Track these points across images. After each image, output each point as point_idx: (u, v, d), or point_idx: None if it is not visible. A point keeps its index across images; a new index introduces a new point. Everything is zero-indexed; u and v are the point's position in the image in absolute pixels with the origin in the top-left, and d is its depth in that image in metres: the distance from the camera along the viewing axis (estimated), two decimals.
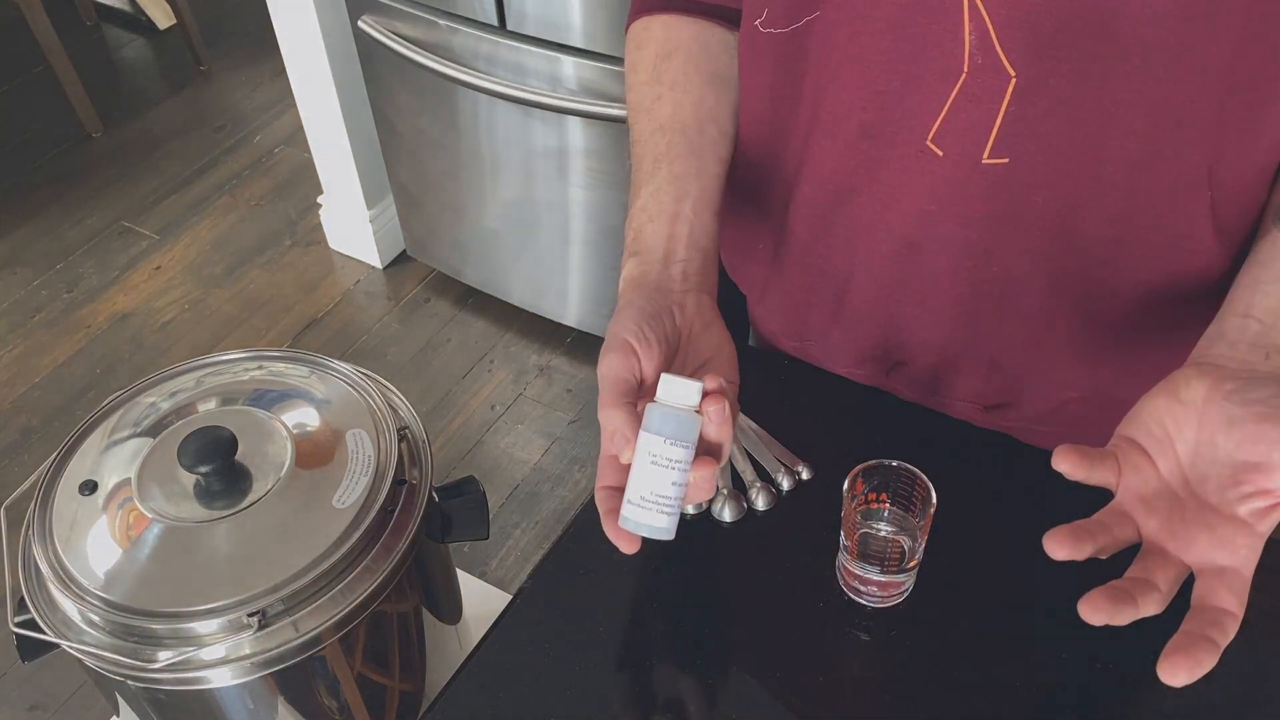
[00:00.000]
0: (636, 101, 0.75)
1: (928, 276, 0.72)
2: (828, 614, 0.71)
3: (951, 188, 0.66)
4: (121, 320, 2.20)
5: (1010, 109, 0.61)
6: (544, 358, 2.08)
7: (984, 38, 0.59)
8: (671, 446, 0.55)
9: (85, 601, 0.97)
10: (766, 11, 0.68)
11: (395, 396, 1.17)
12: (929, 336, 0.76)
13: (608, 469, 0.59)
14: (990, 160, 0.63)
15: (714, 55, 0.75)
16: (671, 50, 0.74)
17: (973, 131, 0.63)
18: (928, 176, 0.66)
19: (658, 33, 0.75)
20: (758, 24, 0.69)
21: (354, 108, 2.04)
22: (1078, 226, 0.66)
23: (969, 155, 0.64)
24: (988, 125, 0.62)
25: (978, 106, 0.61)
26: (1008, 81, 0.60)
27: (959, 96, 0.61)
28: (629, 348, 0.58)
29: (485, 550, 1.74)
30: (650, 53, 0.75)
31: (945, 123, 0.63)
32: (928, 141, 0.64)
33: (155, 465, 1.06)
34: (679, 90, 0.73)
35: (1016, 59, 0.59)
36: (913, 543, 0.69)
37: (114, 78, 2.95)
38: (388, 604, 1.05)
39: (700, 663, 0.70)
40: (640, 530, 0.57)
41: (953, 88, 0.61)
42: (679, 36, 0.75)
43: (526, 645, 0.71)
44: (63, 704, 1.58)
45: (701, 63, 0.74)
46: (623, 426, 0.56)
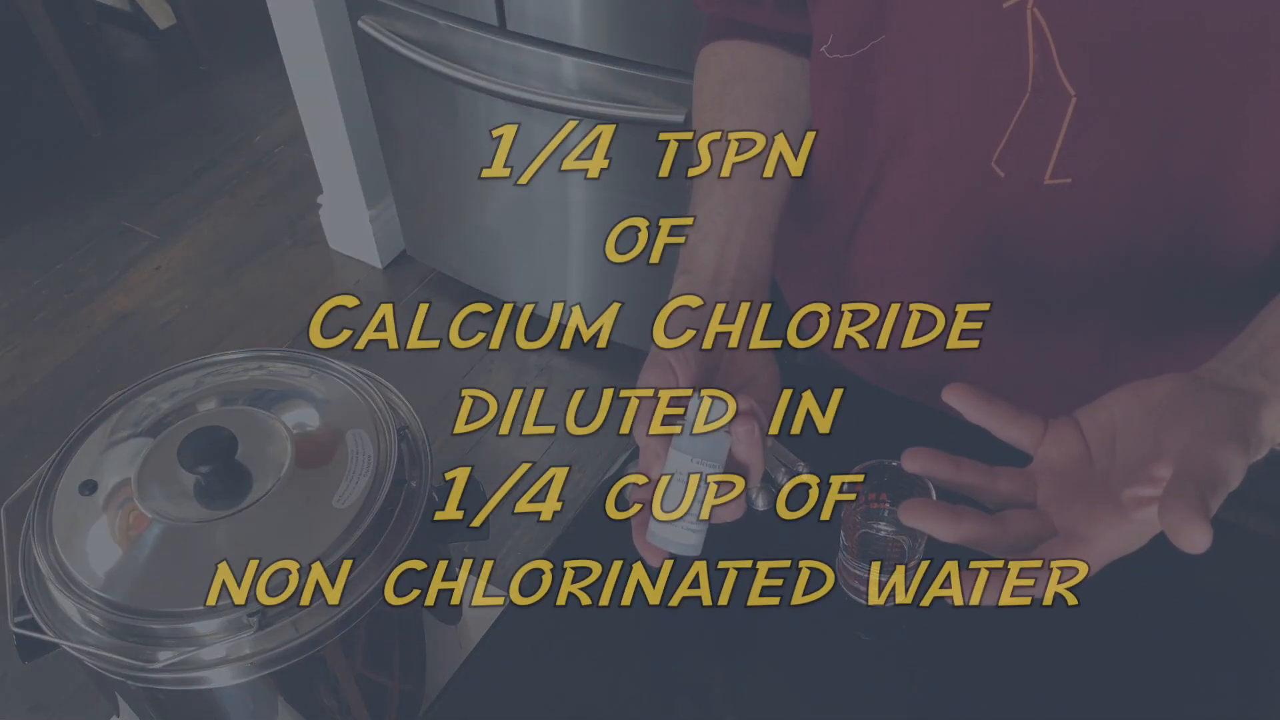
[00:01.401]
0: (700, 125, 0.74)
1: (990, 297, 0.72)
2: (828, 614, 0.71)
3: (1013, 210, 0.66)
4: (121, 320, 2.20)
5: (1071, 129, 0.60)
6: (544, 358, 2.08)
7: (1046, 58, 0.58)
8: (700, 465, 0.56)
9: (85, 601, 0.97)
10: (832, 38, 0.68)
11: (395, 396, 1.17)
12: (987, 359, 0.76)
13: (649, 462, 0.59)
14: (1052, 181, 0.63)
15: (779, 82, 0.74)
16: (736, 75, 0.75)
17: (1035, 152, 0.62)
18: (990, 199, 0.66)
19: (724, 58, 0.76)
20: (824, 50, 0.69)
21: (354, 108, 2.04)
22: (1140, 248, 0.65)
23: (1032, 177, 0.63)
24: (1049, 146, 0.62)
25: (1040, 127, 0.61)
26: (1068, 101, 0.59)
27: (1022, 117, 0.61)
28: (667, 365, 0.58)
29: (485, 550, 1.74)
30: (715, 77, 0.75)
31: (1009, 144, 0.63)
32: (992, 163, 0.64)
33: (155, 465, 1.06)
34: (740, 114, 0.73)
35: (1076, 79, 0.59)
36: (913, 543, 0.69)
37: (114, 78, 2.95)
38: (388, 604, 1.05)
39: (700, 662, 0.70)
40: (668, 546, 0.57)
41: (1017, 108, 0.61)
42: (745, 62, 0.75)
43: (526, 645, 0.71)
44: (63, 704, 1.58)
45: (765, 88, 0.74)
46: (654, 443, 0.56)
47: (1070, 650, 0.68)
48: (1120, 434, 0.52)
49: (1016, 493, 0.54)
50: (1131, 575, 0.71)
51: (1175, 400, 0.51)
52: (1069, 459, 0.53)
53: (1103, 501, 0.50)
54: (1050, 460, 0.54)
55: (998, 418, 0.54)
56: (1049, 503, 0.53)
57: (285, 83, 2.10)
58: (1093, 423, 0.53)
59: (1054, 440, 0.54)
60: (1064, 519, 0.51)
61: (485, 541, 1.43)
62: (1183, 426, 0.48)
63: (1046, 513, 0.52)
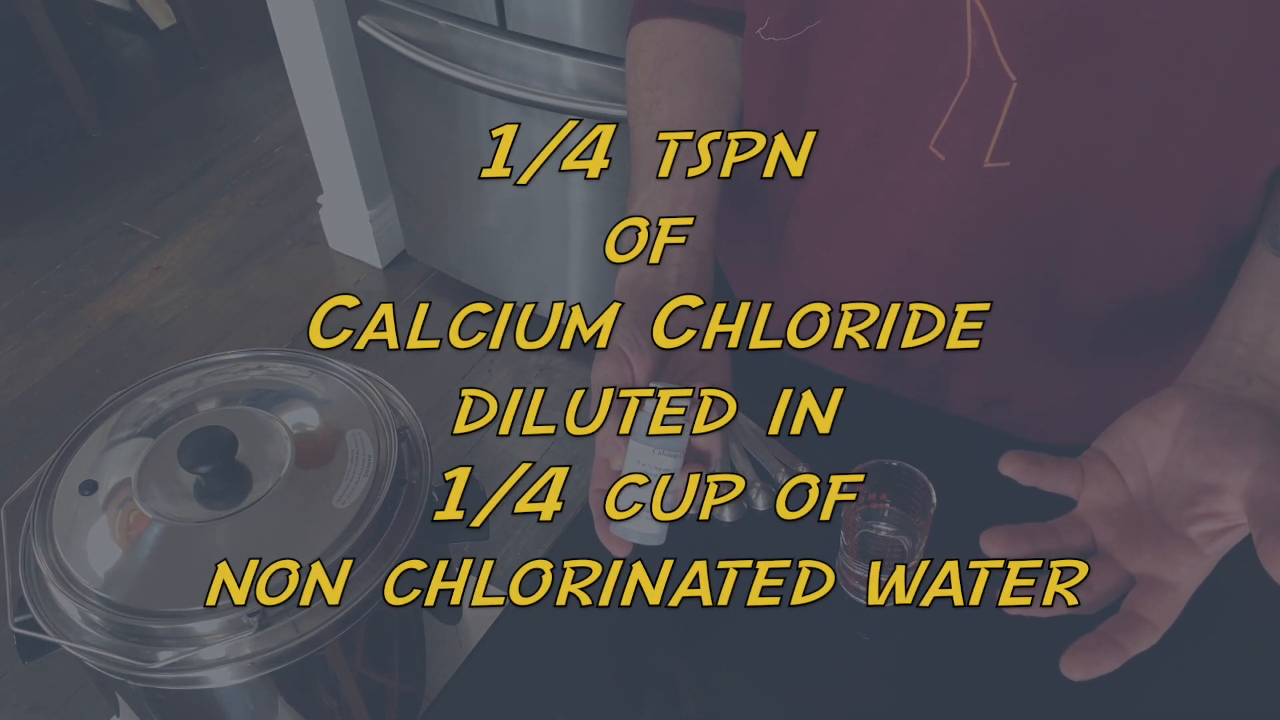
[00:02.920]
0: (635, 105, 0.75)
1: (925, 280, 0.72)
2: (828, 614, 0.71)
3: (953, 192, 0.66)
4: (121, 320, 2.20)
5: (1011, 113, 0.61)
6: (544, 357, 2.08)
7: (985, 42, 0.59)
8: (660, 455, 0.56)
9: (85, 601, 0.97)
10: (768, 20, 0.68)
11: (395, 396, 1.17)
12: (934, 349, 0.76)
13: (601, 473, 0.60)
14: (992, 164, 0.63)
15: (714, 59, 0.74)
16: (671, 54, 0.74)
17: (975, 136, 0.63)
18: (930, 181, 0.66)
19: (658, 36, 0.75)
20: (759, 33, 0.69)
21: (354, 108, 2.04)
22: (1077, 230, 0.66)
23: (971, 160, 0.64)
24: (989, 130, 0.62)
25: (979, 111, 0.61)
26: (1009, 86, 0.60)
27: (961, 101, 0.62)
28: (621, 355, 0.59)
29: (485, 550, 1.74)
30: (649, 56, 0.75)
31: (947, 128, 0.63)
32: (930, 146, 0.64)
33: (155, 465, 1.06)
34: (677, 94, 0.73)
35: (1017, 63, 0.59)
36: (913, 543, 0.69)
37: (114, 78, 2.95)
38: (388, 604, 1.05)
39: (700, 662, 0.70)
40: (630, 536, 0.58)
41: (955, 93, 0.61)
42: (679, 40, 0.75)
43: (526, 645, 0.71)
44: (63, 704, 1.58)
45: (701, 67, 0.74)
46: (613, 434, 0.57)
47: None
48: (1149, 460, 0.53)
49: (1082, 543, 0.55)
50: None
51: (1202, 424, 0.51)
52: (1112, 496, 0.54)
53: (1171, 540, 0.51)
54: (1096, 501, 0.55)
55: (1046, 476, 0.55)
56: (1113, 547, 0.54)
57: (285, 83, 2.10)
58: (1119, 453, 0.54)
59: (1094, 480, 0.54)
60: (1139, 565, 0.52)
61: (485, 541, 1.43)
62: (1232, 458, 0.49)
63: (1114, 558, 0.53)
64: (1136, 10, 0.55)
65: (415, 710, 1.23)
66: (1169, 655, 0.71)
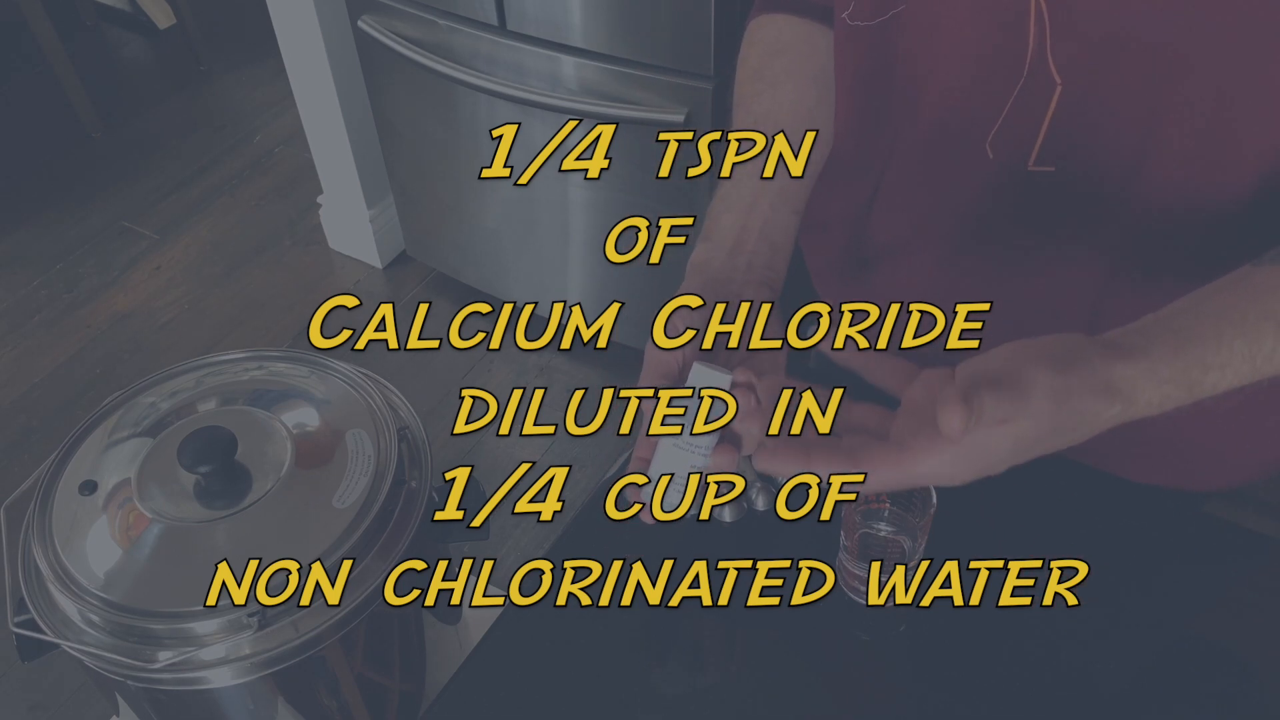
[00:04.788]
0: (739, 96, 0.75)
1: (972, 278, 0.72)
2: (828, 614, 0.71)
3: (999, 191, 0.66)
4: (121, 320, 2.20)
5: (1056, 117, 0.61)
6: (544, 357, 2.08)
7: (1041, 43, 0.59)
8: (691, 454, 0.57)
9: (85, 601, 0.97)
10: (854, 4, 0.69)
11: (395, 396, 1.17)
12: None
13: (643, 444, 0.60)
14: (1035, 168, 0.63)
15: (820, 56, 0.75)
16: (780, 49, 0.75)
17: (1023, 137, 0.63)
18: (979, 179, 0.67)
19: (770, 31, 0.76)
20: (845, 16, 0.70)
21: (354, 108, 2.04)
22: (1118, 240, 0.66)
23: (1017, 161, 0.64)
24: (1035, 132, 0.62)
25: (1030, 113, 0.62)
26: (1054, 89, 0.60)
27: (1017, 101, 0.62)
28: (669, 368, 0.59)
29: (485, 550, 1.74)
30: (759, 50, 0.75)
31: (1003, 127, 0.64)
32: (985, 144, 0.65)
33: (155, 465, 1.06)
34: (779, 88, 0.73)
35: (1063, 67, 0.59)
36: (913, 543, 0.69)
37: (114, 78, 2.95)
38: (388, 604, 1.05)
39: (700, 662, 0.70)
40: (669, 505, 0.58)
41: (1013, 91, 0.62)
42: (789, 36, 0.75)
43: (526, 645, 0.71)
44: (63, 704, 1.58)
45: (807, 63, 0.74)
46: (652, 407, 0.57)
47: (1070, 650, 0.68)
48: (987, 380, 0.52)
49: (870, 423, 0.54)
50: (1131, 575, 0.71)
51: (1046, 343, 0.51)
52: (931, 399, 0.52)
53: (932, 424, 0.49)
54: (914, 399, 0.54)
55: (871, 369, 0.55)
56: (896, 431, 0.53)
57: (285, 83, 2.10)
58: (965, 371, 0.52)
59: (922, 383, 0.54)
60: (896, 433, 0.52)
61: (485, 541, 1.43)
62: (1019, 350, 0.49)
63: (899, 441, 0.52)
64: (1187, 28, 0.55)
65: (415, 710, 1.23)
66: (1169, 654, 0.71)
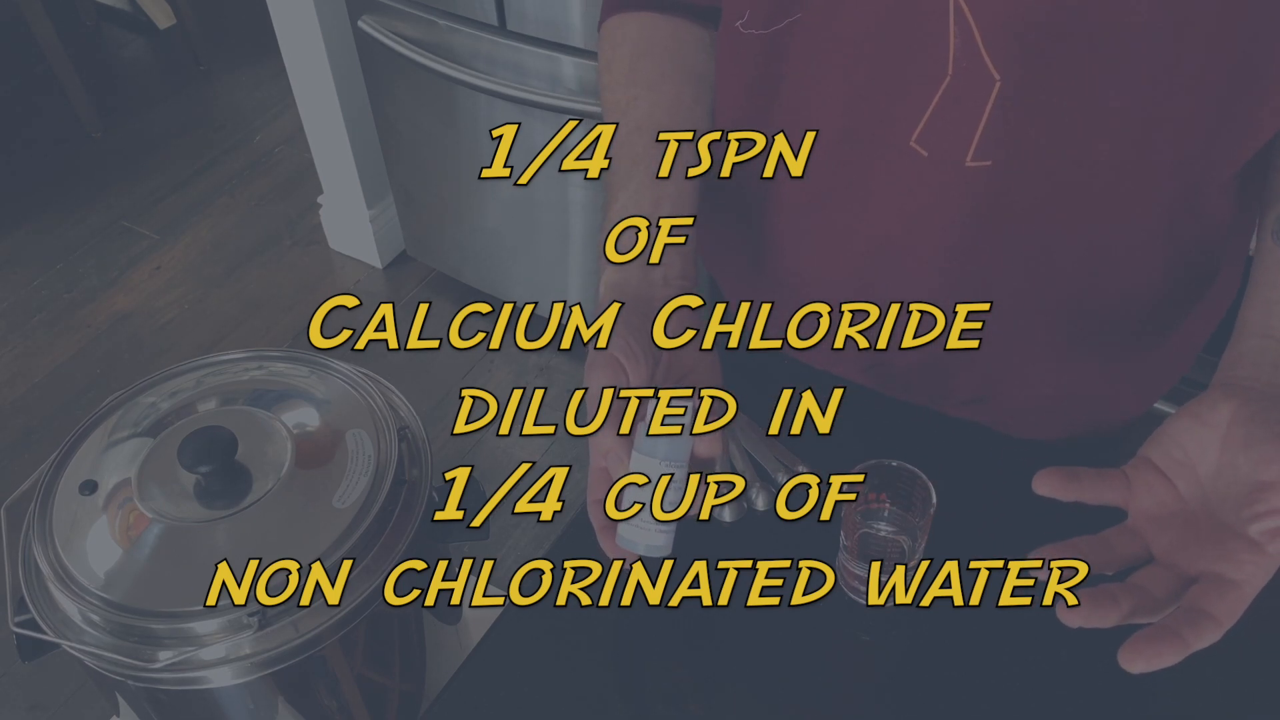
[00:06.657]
0: (612, 102, 0.74)
1: (905, 276, 0.72)
2: (828, 614, 0.71)
3: (934, 189, 0.66)
4: (121, 320, 2.20)
5: (994, 113, 0.61)
6: (544, 358, 2.08)
7: (969, 42, 0.59)
8: (666, 466, 0.56)
9: (85, 601, 0.97)
10: (748, 13, 0.68)
11: (395, 396, 1.17)
12: None
13: (598, 483, 0.59)
14: (974, 163, 0.63)
15: (690, 55, 0.74)
16: (647, 49, 0.73)
17: (957, 134, 0.63)
18: (910, 177, 0.66)
19: (633, 31, 0.74)
20: (738, 25, 0.69)
21: (354, 108, 2.04)
22: (1058, 231, 0.66)
23: (953, 158, 0.64)
24: (971, 129, 0.62)
25: (962, 110, 0.61)
26: (992, 85, 0.60)
27: (943, 99, 0.61)
28: (615, 362, 0.58)
29: (485, 550, 1.74)
30: (626, 51, 0.74)
31: (929, 125, 0.63)
32: (911, 143, 0.64)
33: (155, 465, 1.06)
34: (655, 90, 0.72)
35: (1001, 64, 0.59)
36: (913, 543, 0.69)
37: (114, 78, 2.95)
38: (388, 604, 1.05)
39: (700, 662, 0.70)
40: (638, 549, 0.58)
41: (936, 91, 0.61)
42: (655, 35, 0.74)
43: (526, 645, 0.71)
44: (63, 704, 1.58)
45: (678, 62, 0.73)
46: (615, 447, 0.56)
47: (1070, 650, 0.68)
48: (1199, 463, 0.53)
49: (1136, 552, 0.54)
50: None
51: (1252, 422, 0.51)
52: (1163, 503, 0.54)
53: (1232, 540, 0.51)
54: (1146, 509, 0.54)
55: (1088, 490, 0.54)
56: (1170, 553, 0.53)
57: (285, 83, 2.10)
58: (1167, 459, 0.54)
59: (1142, 488, 0.54)
60: (1199, 566, 0.51)
61: (485, 541, 1.44)
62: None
63: (1174, 563, 0.52)
64: (1123, 13, 0.55)
65: (415, 710, 1.23)
66: None
